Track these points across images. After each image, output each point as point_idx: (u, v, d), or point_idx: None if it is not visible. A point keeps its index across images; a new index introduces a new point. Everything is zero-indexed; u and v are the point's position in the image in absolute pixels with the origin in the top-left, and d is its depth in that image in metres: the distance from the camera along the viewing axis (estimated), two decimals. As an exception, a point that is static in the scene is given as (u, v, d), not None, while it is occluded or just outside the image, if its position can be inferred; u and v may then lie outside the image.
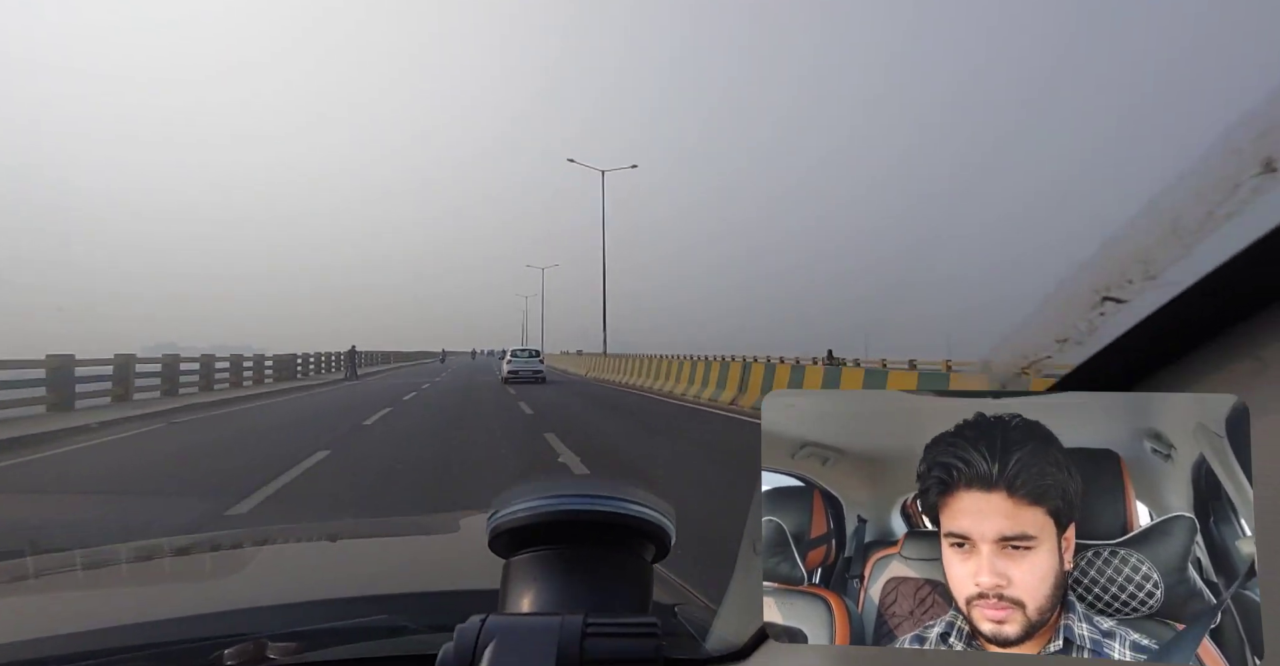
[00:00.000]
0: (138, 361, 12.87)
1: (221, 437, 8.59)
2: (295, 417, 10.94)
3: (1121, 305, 0.33)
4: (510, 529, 0.51)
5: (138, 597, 0.88)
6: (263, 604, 0.74)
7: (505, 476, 5.48)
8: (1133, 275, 0.32)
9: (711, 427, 9.27)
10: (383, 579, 0.89)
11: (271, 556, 1.10)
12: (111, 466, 6.61)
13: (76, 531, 3.99)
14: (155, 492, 5.32)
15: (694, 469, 5.98)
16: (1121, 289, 0.33)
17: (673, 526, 0.53)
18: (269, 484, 5.15)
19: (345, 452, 6.72)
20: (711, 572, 0.53)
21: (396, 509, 4.48)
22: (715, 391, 12.67)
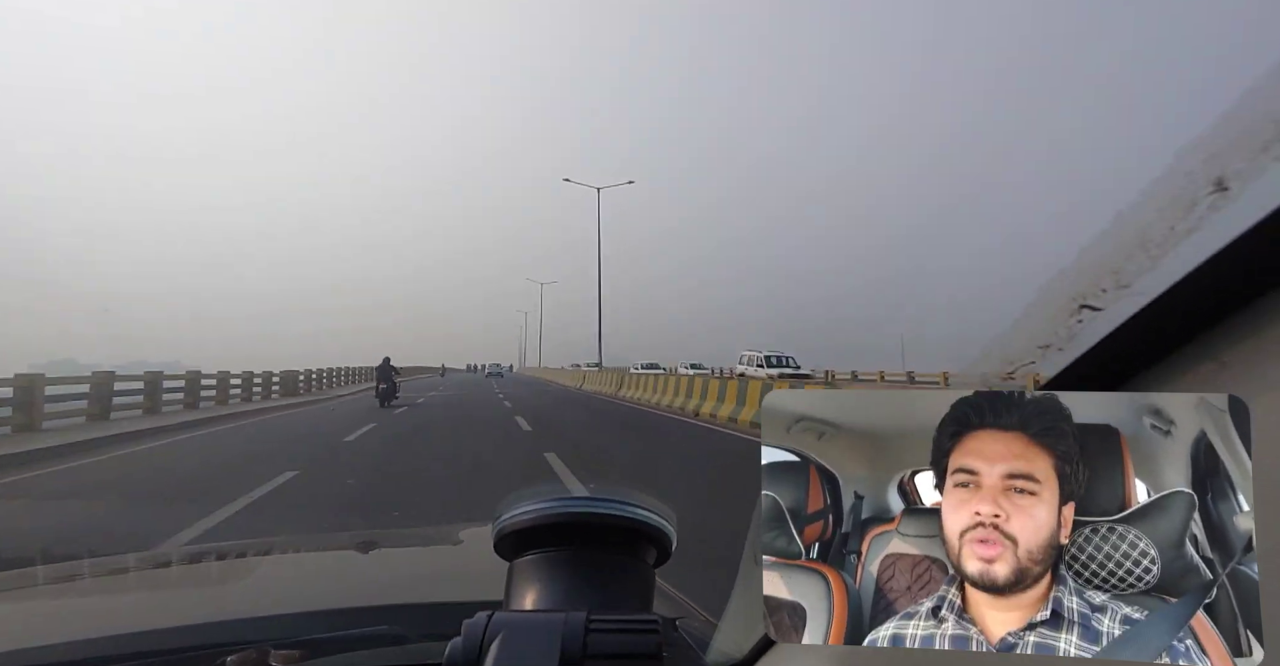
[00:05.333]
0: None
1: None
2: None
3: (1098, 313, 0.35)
4: (515, 531, 0.53)
5: (143, 606, 0.89)
6: (266, 613, 0.74)
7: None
8: (1106, 284, 0.35)
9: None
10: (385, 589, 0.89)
11: (275, 566, 1.10)
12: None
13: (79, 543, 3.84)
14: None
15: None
16: (1097, 297, 0.35)
17: (674, 530, 0.55)
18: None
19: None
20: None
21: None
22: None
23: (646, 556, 0.55)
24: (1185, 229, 0.32)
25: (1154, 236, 0.33)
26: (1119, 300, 0.34)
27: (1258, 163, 0.30)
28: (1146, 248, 0.33)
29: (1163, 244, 0.33)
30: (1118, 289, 0.34)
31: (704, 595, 0.84)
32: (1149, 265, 0.33)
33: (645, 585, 0.54)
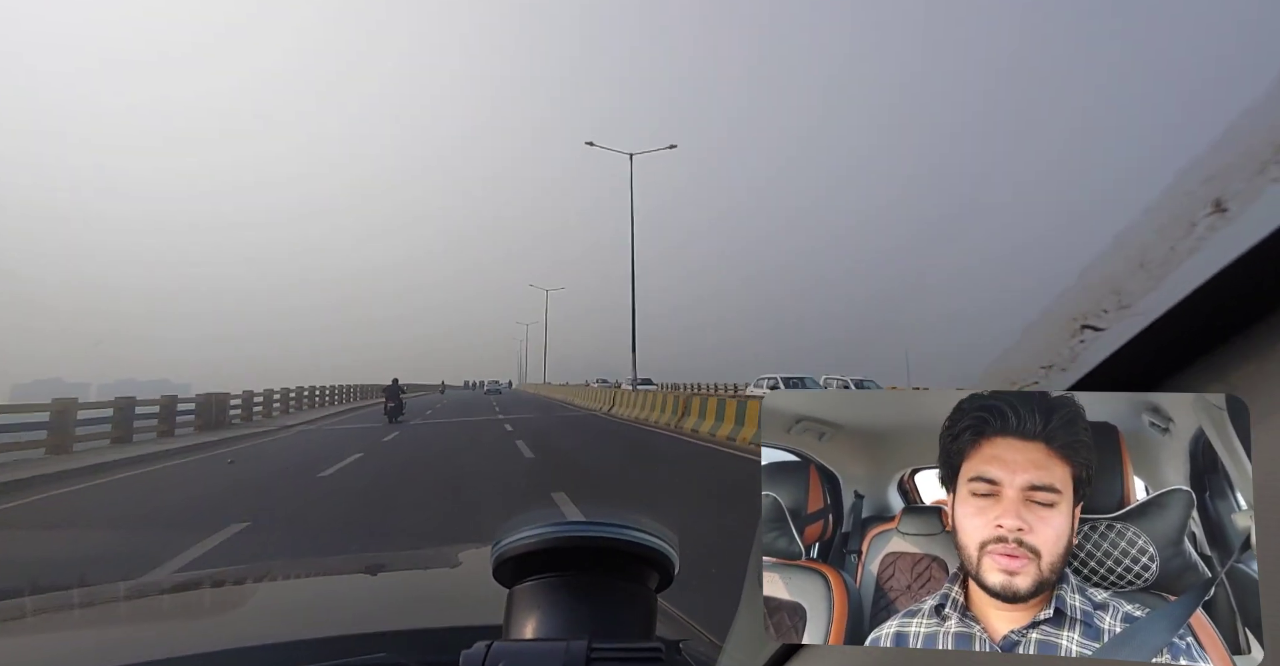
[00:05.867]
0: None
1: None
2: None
3: (1100, 333, 0.35)
4: (515, 556, 0.52)
5: (136, 637, 0.87)
6: (262, 642, 0.73)
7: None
8: (1108, 304, 0.35)
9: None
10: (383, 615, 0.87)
11: (270, 594, 1.08)
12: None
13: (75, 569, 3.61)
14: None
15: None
16: (1099, 317, 0.35)
17: (676, 554, 0.54)
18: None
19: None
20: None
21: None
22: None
23: (648, 581, 0.54)
24: (1186, 249, 0.32)
25: (1154, 257, 0.33)
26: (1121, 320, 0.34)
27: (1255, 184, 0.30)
28: (1147, 268, 0.33)
29: (1163, 264, 0.33)
30: (1119, 309, 0.34)
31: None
32: (1150, 285, 0.33)
33: (647, 611, 0.53)
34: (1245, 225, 0.30)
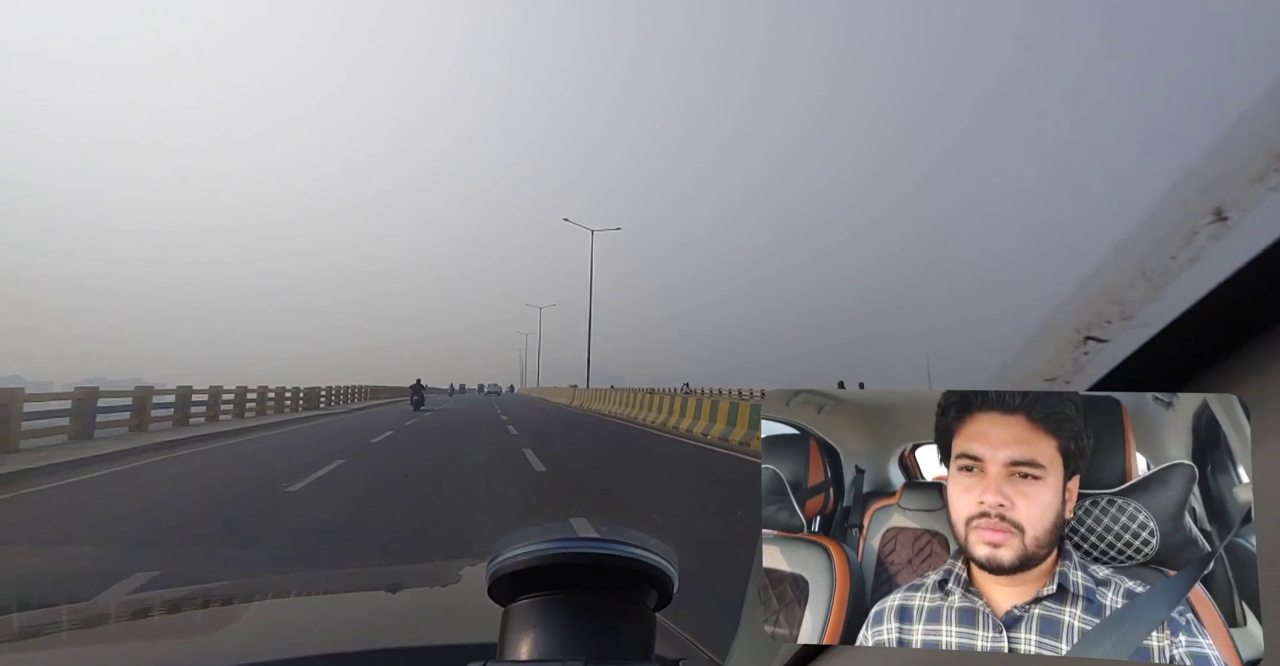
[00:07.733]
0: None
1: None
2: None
3: (1103, 344, 0.35)
4: (510, 574, 0.50)
5: (128, 655, 0.85)
6: (256, 660, 0.72)
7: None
8: (1110, 315, 0.34)
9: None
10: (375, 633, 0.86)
11: (264, 610, 1.07)
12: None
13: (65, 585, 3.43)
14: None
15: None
16: (1101, 328, 0.35)
17: (675, 571, 0.53)
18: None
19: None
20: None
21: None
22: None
23: (647, 599, 0.52)
24: (1186, 258, 0.31)
25: (1155, 266, 0.33)
26: (1123, 331, 0.34)
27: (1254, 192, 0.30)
28: (1149, 277, 0.33)
29: (1165, 273, 0.32)
30: (1122, 320, 0.34)
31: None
32: (1152, 295, 0.33)
33: (646, 630, 0.52)
34: (1246, 234, 0.29)
